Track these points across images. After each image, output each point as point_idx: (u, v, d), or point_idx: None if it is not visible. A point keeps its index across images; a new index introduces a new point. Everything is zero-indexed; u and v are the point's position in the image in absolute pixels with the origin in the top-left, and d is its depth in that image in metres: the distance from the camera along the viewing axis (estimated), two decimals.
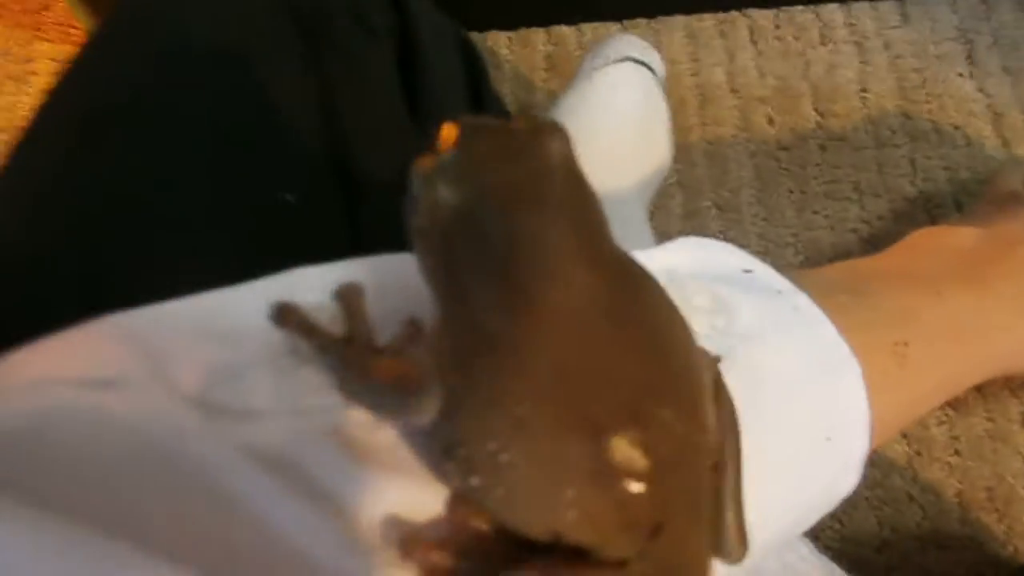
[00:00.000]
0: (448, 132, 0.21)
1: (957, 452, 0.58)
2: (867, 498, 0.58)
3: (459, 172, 0.20)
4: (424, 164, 0.21)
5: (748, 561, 0.25)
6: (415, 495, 0.22)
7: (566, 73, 0.73)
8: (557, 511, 0.19)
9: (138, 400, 0.20)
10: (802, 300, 0.34)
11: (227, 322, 0.24)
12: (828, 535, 0.57)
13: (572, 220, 0.21)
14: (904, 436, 0.59)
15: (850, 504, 0.60)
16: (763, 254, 0.60)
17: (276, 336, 0.24)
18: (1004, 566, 0.56)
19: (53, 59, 0.83)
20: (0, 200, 0.35)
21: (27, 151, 0.36)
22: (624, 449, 0.19)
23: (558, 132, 0.22)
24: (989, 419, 0.59)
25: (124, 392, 0.20)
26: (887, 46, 0.73)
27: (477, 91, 0.44)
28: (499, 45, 0.75)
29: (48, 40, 0.84)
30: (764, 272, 0.35)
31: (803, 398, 0.32)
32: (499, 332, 0.19)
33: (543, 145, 0.21)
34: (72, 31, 0.84)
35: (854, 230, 0.66)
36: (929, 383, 0.40)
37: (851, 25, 0.74)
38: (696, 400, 0.21)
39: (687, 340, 0.22)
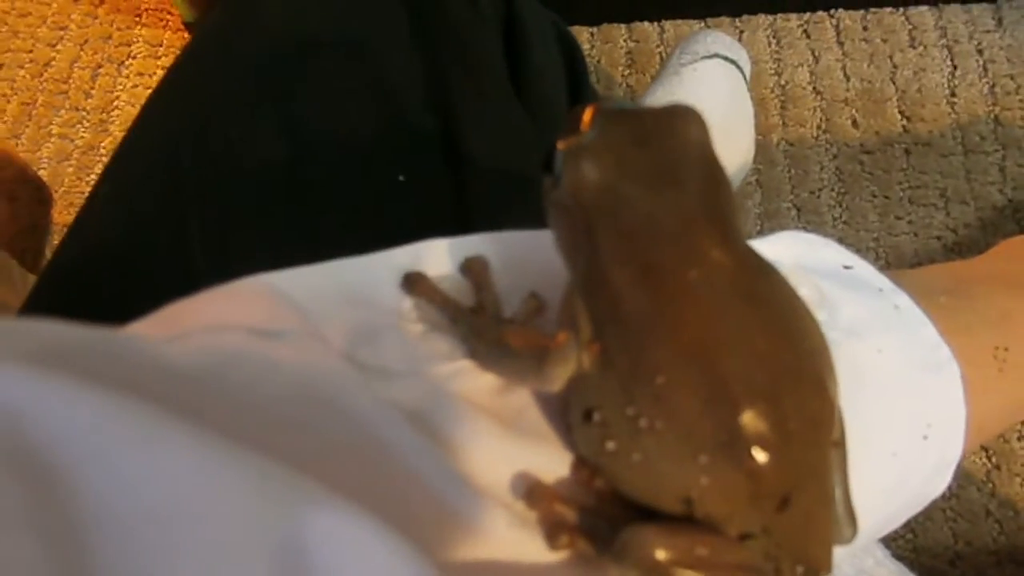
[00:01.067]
0: (588, 113, 0.22)
1: None
2: (942, 510, 0.57)
3: (601, 151, 0.21)
4: (567, 142, 0.22)
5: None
6: (541, 457, 0.23)
7: (647, 69, 0.74)
8: (691, 476, 0.20)
9: (300, 351, 0.22)
10: (903, 300, 0.34)
11: (360, 288, 0.25)
12: (900, 545, 0.56)
13: (706, 201, 0.22)
14: (983, 449, 0.58)
15: (924, 515, 0.59)
16: None
17: (406, 303, 0.25)
18: None
19: (150, 43, 0.87)
20: (125, 174, 0.37)
21: (144, 135, 0.38)
22: (755, 421, 0.20)
23: (695, 116, 0.22)
24: None
25: (287, 343, 0.22)
26: (980, 50, 0.71)
27: (575, 82, 0.45)
28: (581, 40, 0.75)
29: (146, 26, 0.88)
30: (864, 269, 0.35)
31: (902, 396, 0.32)
32: (639, 305, 0.20)
33: (681, 128, 0.22)
34: (169, 17, 0.87)
35: (938, 237, 0.64)
36: None
37: (942, 28, 0.73)
38: (823, 379, 0.22)
39: (812, 323, 0.22)
